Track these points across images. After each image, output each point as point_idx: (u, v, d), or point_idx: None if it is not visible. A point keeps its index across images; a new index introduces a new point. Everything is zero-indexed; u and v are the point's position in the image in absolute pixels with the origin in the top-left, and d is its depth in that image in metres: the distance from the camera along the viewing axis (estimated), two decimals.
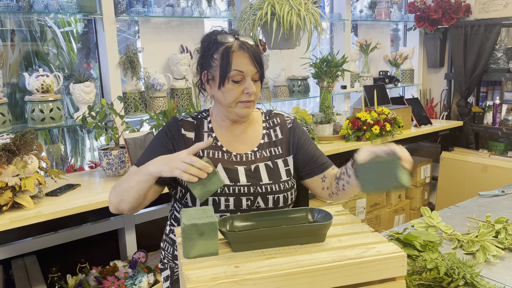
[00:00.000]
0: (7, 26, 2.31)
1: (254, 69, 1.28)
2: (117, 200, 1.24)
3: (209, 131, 1.37)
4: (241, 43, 1.29)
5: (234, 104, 1.30)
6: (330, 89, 2.93)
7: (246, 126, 1.40)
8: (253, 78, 1.30)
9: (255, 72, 1.29)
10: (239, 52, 1.27)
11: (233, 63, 1.26)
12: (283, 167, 1.36)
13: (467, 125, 3.62)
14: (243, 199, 1.26)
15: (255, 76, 1.30)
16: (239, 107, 1.30)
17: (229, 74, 1.27)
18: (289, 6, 2.33)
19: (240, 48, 1.28)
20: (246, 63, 1.27)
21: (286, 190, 1.32)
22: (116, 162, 2.09)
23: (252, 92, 1.27)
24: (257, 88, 1.31)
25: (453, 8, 3.52)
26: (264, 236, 0.91)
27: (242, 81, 1.28)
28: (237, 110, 1.31)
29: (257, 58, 1.29)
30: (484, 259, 1.28)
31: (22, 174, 1.66)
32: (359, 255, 0.87)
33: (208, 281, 0.78)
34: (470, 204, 1.81)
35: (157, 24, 2.61)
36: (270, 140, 1.39)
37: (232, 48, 1.28)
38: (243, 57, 1.27)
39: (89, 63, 2.63)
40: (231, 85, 1.28)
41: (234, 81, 1.27)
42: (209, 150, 1.33)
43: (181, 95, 2.60)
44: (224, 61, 1.27)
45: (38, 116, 2.11)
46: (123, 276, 2.08)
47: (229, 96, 1.29)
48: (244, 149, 1.36)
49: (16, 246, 2.10)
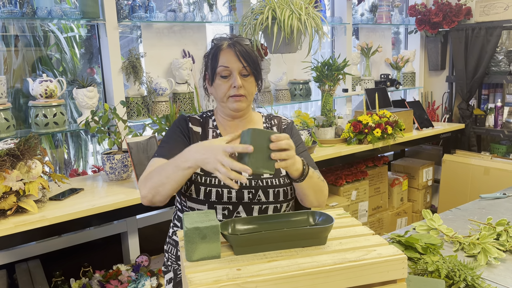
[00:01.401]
0: (11, 31, 2.33)
1: (240, 64, 1.36)
2: (152, 194, 1.26)
3: (214, 128, 1.45)
4: (232, 42, 1.39)
5: (225, 98, 1.39)
6: (331, 93, 2.94)
7: (247, 124, 1.46)
8: (242, 73, 1.37)
9: (241, 67, 1.37)
10: (227, 50, 1.38)
11: (220, 60, 1.37)
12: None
13: (469, 128, 3.62)
14: (245, 192, 1.32)
15: (243, 71, 1.37)
16: (230, 101, 1.38)
17: (217, 70, 1.38)
18: (290, 10, 2.35)
19: (228, 46, 1.38)
20: (231, 59, 1.36)
21: (285, 184, 1.37)
22: (119, 166, 2.10)
23: (237, 85, 1.35)
24: (247, 83, 1.39)
25: (453, 11, 3.53)
26: (266, 239, 0.92)
27: (229, 76, 1.37)
28: (229, 104, 1.39)
29: (244, 55, 1.36)
30: (486, 261, 1.29)
31: (26, 178, 1.68)
32: (360, 258, 0.87)
33: (211, 284, 0.79)
34: (472, 207, 1.81)
35: (159, 29, 2.63)
36: None
37: (222, 47, 1.39)
38: (229, 54, 1.37)
39: (92, 68, 2.65)
40: (219, 81, 1.38)
41: (222, 76, 1.37)
42: None
43: (184, 100, 2.62)
44: (213, 59, 1.39)
45: (42, 121, 2.12)
46: (126, 280, 2.08)
47: (219, 91, 1.39)
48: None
49: (20, 250, 2.11)
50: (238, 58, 1.36)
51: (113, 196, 1.90)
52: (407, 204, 3.46)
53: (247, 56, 1.37)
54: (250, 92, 1.40)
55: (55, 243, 2.20)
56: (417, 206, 3.52)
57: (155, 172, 1.26)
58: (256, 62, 1.40)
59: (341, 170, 3.01)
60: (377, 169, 3.18)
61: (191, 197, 1.35)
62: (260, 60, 1.47)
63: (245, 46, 1.39)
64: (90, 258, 2.31)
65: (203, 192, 1.32)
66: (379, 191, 3.21)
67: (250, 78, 1.39)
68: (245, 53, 1.37)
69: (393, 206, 3.35)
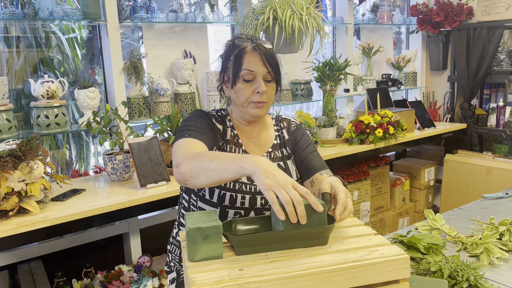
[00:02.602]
0: (13, 32, 2.33)
1: (265, 69, 1.30)
2: (192, 174, 1.09)
3: (231, 128, 1.40)
4: (256, 45, 1.32)
5: (246, 103, 1.33)
6: (333, 93, 2.93)
7: (260, 129, 1.43)
8: (265, 79, 1.32)
9: (266, 72, 1.31)
10: (251, 53, 1.31)
11: (244, 63, 1.30)
12: (293, 167, 1.42)
13: (471, 128, 3.61)
14: (257, 198, 1.31)
15: (267, 76, 1.32)
16: (251, 107, 1.33)
17: (240, 73, 1.31)
18: (291, 10, 2.35)
19: (253, 49, 1.31)
20: (257, 63, 1.30)
21: None
22: (121, 167, 2.10)
23: (262, 91, 1.29)
24: (270, 89, 1.33)
25: (455, 11, 3.53)
26: (267, 239, 0.91)
27: (253, 80, 1.31)
28: (250, 110, 1.33)
29: (269, 59, 1.30)
30: (488, 261, 1.28)
31: (28, 179, 1.68)
32: (363, 258, 0.87)
33: (213, 284, 0.79)
34: (474, 207, 1.81)
35: (160, 29, 2.63)
36: (281, 141, 1.45)
37: (246, 49, 1.32)
38: (254, 57, 1.30)
39: (93, 69, 2.65)
40: (242, 84, 1.31)
41: (245, 80, 1.31)
42: (231, 145, 1.37)
43: (185, 100, 2.62)
44: (236, 61, 1.31)
45: (44, 122, 2.12)
46: (128, 281, 2.08)
47: (241, 95, 1.32)
48: (260, 151, 1.41)
49: (22, 251, 2.12)
50: (264, 63, 1.30)
51: (115, 196, 1.90)
52: (409, 204, 3.46)
53: (271, 61, 1.31)
54: (271, 98, 1.35)
55: (57, 243, 2.20)
56: (419, 206, 3.51)
57: (207, 154, 1.11)
58: (279, 67, 1.35)
59: (343, 170, 3.01)
60: (379, 169, 3.18)
61: (204, 198, 1.32)
62: (281, 65, 1.40)
63: (269, 49, 1.33)
64: (92, 258, 2.31)
65: (217, 195, 1.30)
66: (381, 191, 3.21)
67: (273, 84, 1.34)
68: (270, 57, 1.31)
69: (395, 206, 3.34)
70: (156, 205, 1.95)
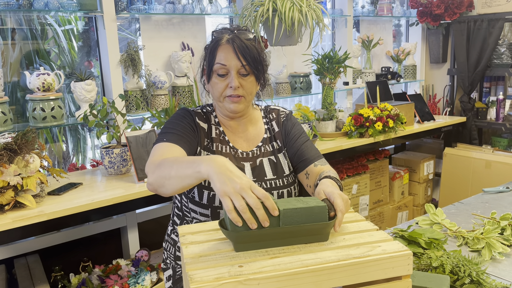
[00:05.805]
0: (8, 24, 2.30)
1: (238, 62, 1.25)
2: (158, 184, 1.08)
3: (216, 125, 1.36)
4: (232, 37, 1.27)
5: (222, 98, 1.29)
6: (332, 86, 2.91)
7: (247, 124, 1.39)
8: (240, 72, 1.27)
9: (240, 66, 1.25)
10: (225, 46, 1.26)
11: (217, 57, 1.26)
12: (284, 161, 1.38)
13: (470, 121, 3.60)
14: None
15: (242, 70, 1.26)
16: (227, 101, 1.29)
17: (213, 68, 1.27)
18: (291, 2, 2.32)
19: (227, 42, 1.26)
20: (229, 56, 1.25)
21: (289, 184, 1.34)
22: (118, 161, 2.08)
23: (234, 85, 1.25)
24: (246, 83, 1.28)
25: (455, 3, 3.50)
26: (266, 235, 0.89)
27: (227, 75, 1.27)
28: (226, 105, 1.30)
29: (244, 52, 1.24)
30: (490, 256, 1.27)
31: (24, 173, 1.66)
32: (364, 254, 0.85)
33: (212, 281, 0.77)
34: (475, 201, 1.79)
35: (158, 21, 2.60)
36: (271, 134, 1.41)
37: (220, 42, 1.27)
38: (227, 50, 1.25)
39: (90, 61, 2.62)
40: (216, 79, 1.28)
41: (219, 75, 1.27)
42: (218, 143, 1.33)
43: (183, 93, 2.59)
44: (210, 55, 1.28)
45: (40, 115, 2.10)
46: (126, 275, 2.07)
47: (215, 90, 1.30)
48: (249, 147, 1.37)
49: (18, 245, 2.10)
50: (237, 56, 1.24)
51: (112, 190, 1.88)
52: (408, 198, 3.45)
53: (246, 54, 1.24)
54: (249, 92, 1.29)
55: (54, 238, 2.19)
56: (418, 200, 3.51)
57: (167, 162, 1.08)
58: (257, 59, 1.27)
59: (342, 164, 3.00)
60: (378, 163, 3.16)
61: (194, 200, 1.29)
62: (263, 55, 1.33)
63: (246, 41, 1.26)
64: (90, 253, 2.30)
65: (207, 196, 1.27)
66: (380, 184, 3.20)
67: (250, 78, 1.28)
68: (244, 50, 1.24)
69: (394, 200, 3.33)
70: (154, 199, 1.93)
